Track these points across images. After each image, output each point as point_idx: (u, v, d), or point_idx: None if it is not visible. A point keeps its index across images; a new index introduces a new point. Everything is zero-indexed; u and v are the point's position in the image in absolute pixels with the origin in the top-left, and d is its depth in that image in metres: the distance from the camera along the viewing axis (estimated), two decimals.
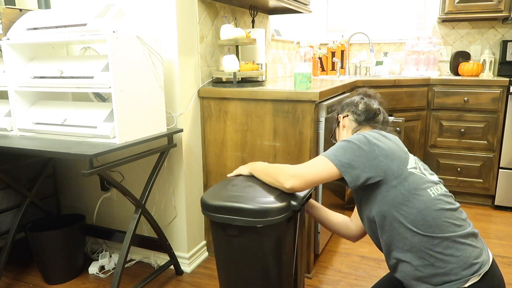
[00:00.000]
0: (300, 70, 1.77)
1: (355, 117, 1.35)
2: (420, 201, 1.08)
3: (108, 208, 2.17)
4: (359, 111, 1.34)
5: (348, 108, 1.38)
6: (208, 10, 2.01)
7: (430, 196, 1.09)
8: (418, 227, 1.07)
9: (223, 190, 1.28)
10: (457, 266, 1.04)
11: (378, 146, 1.13)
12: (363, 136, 1.16)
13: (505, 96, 2.69)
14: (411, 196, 1.08)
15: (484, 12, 2.93)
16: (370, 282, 1.92)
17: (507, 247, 2.28)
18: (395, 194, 1.10)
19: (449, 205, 1.10)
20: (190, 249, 2.04)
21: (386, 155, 1.12)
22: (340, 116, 1.39)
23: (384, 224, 1.14)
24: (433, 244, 1.06)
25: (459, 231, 1.07)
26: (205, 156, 2.06)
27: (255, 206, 1.15)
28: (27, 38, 1.64)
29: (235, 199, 1.20)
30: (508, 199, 2.79)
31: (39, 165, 2.05)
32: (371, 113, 1.33)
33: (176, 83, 1.84)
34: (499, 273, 1.10)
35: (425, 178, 1.13)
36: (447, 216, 1.08)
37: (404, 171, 1.11)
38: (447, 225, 1.07)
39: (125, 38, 1.48)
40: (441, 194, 1.11)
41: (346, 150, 1.14)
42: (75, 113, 1.61)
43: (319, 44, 3.78)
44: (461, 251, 1.05)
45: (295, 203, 1.19)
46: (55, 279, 1.92)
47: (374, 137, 1.15)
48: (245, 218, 1.15)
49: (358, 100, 1.37)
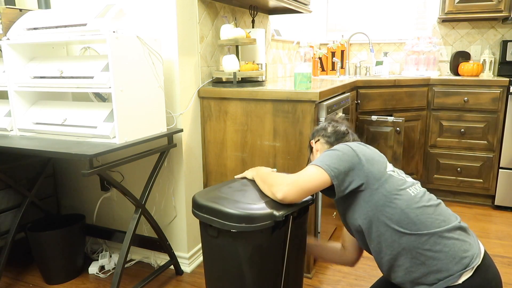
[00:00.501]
0: (300, 70, 1.77)
1: (325, 139, 1.41)
2: (401, 201, 1.11)
3: (108, 208, 2.17)
4: (329, 133, 1.41)
5: (317, 133, 1.44)
6: (208, 10, 2.01)
7: (411, 195, 1.13)
8: (403, 226, 1.09)
9: (215, 191, 1.29)
10: (447, 261, 1.05)
11: (359, 151, 1.19)
12: (345, 145, 1.23)
13: (505, 96, 2.69)
14: (393, 196, 1.12)
15: (484, 12, 2.93)
16: (370, 282, 1.92)
17: (507, 247, 2.28)
18: (377, 197, 1.13)
19: (430, 202, 1.13)
20: (190, 249, 2.04)
21: (367, 159, 1.17)
22: (312, 142, 1.45)
23: (371, 231, 1.16)
24: (421, 242, 1.07)
25: (445, 226, 1.09)
26: (205, 156, 2.06)
27: (233, 210, 1.14)
28: (27, 38, 1.64)
29: (218, 201, 1.20)
30: (508, 199, 2.79)
31: (39, 165, 2.05)
32: (340, 133, 1.40)
33: (176, 83, 1.84)
34: (494, 266, 1.10)
35: (402, 179, 1.18)
36: (429, 212, 1.10)
37: (384, 173, 1.16)
38: (431, 221, 1.09)
39: (125, 38, 1.48)
40: (420, 192, 1.15)
41: (331, 156, 1.19)
42: (75, 113, 1.61)
43: (319, 44, 3.79)
44: (449, 246, 1.06)
45: (278, 213, 1.15)
46: (55, 279, 1.92)
47: (355, 145, 1.22)
48: (221, 221, 1.15)
49: (326, 125, 1.44)
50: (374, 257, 1.21)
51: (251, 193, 1.28)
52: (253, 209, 1.15)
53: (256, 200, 1.22)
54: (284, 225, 1.22)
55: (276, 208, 1.17)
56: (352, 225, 1.22)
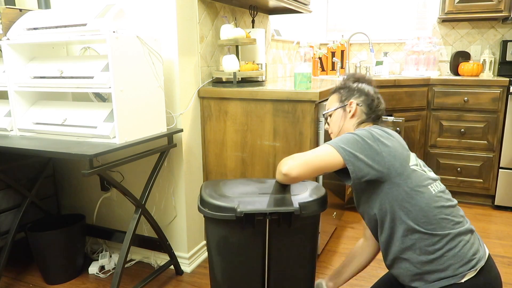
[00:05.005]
0: (300, 70, 1.77)
1: (367, 110, 1.29)
2: (422, 198, 1.08)
3: (108, 208, 2.17)
4: (373, 107, 1.29)
5: (363, 97, 1.30)
6: (208, 10, 2.01)
7: (431, 193, 1.09)
8: (419, 224, 1.07)
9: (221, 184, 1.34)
10: (455, 262, 1.05)
11: (382, 142, 1.12)
12: (367, 131, 1.15)
13: (505, 96, 2.69)
14: (414, 193, 1.08)
15: (484, 12, 2.93)
16: (370, 282, 1.92)
17: (507, 247, 2.28)
18: (398, 192, 1.09)
19: (449, 202, 1.11)
20: (190, 249, 2.04)
21: (390, 152, 1.10)
22: (352, 102, 1.30)
23: (385, 222, 1.13)
24: (433, 242, 1.06)
25: (458, 228, 1.08)
26: (205, 156, 2.06)
27: (210, 199, 1.20)
28: (27, 38, 1.64)
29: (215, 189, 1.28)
30: (508, 199, 2.79)
31: (39, 165, 2.05)
32: (379, 112, 1.30)
33: (176, 83, 1.84)
34: (495, 268, 1.11)
35: (425, 175, 1.13)
36: (447, 213, 1.08)
37: (407, 168, 1.10)
38: (447, 222, 1.07)
39: (125, 38, 1.48)
40: (440, 191, 1.12)
41: (350, 141, 1.12)
42: (75, 113, 1.61)
43: (319, 44, 3.78)
44: (459, 247, 1.06)
45: (240, 209, 1.14)
46: (55, 279, 1.92)
47: (378, 134, 1.14)
48: (204, 209, 1.21)
49: (373, 95, 1.30)
50: (380, 246, 1.19)
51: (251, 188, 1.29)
52: (224, 201, 1.20)
53: (243, 194, 1.24)
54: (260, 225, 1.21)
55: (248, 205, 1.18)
56: (367, 212, 1.20)
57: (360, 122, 1.30)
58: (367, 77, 1.40)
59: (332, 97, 1.38)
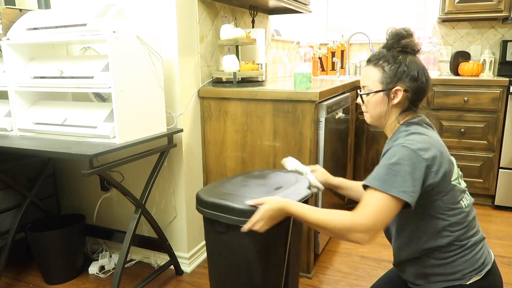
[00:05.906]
0: (300, 70, 1.77)
1: (413, 97, 1.09)
2: (452, 216, 1.05)
3: (108, 208, 2.17)
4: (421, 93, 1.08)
5: (411, 83, 1.07)
6: (208, 10, 2.01)
7: (463, 209, 1.06)
8: (443, 237, 1.06)
9: (219, 187, 1.30)
10: (465, 268, 1.05)
11: (428, 159, 0.99)
12: (411, 150, 0.98)
13: (505, 96, 2.69)
14: (447, 208, 1.04)
15: (484, 12, 2.93)
16: (370, 282, 1.92)
17: (507, 247, 2.28)
18: (431, 205, 1.04)
19: (472, 213, 1.10)
20: (190, 249, 2.04)
21: (437, 171, 1.00)
22: (399, 89, 1.08)
23: (407, 226, 1.10)
24: (451, 250, 1.06)
25: (475, 237, 1.07)
26: (205, 156, 2.06)
27: (242, 206, 1.14)
28: (27, 38, 1.64)
29: (224, 197, 1.20)
30: (508, 199, 2.79)
31: (39, 165, 2.05)
32: (424, 95, 1.09)
33: (176, 83, 1.84)
34: (499, 271, 1.11)
35: (460, 188, 1.08)
36: (469, 224, 1.07)
37: (448, 185, 1.03)
38: (467, 232, 1.07)
39: (125, 38, 1.48)
40: (469, 203, 1.10)
41: (404, 177, 0.97)
42: (75, 113, 1.61)
43: (319, 44, 3.78)
44: (472, 255, 1.05)
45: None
46: (55, 279, 1.92)
47: (421, 148, 0.99)
48: (230, 216, 1.15)
49: (421, 77, 1.07)
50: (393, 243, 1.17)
51: (254, 188, 1.28)
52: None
53: (261, 194, 1.22)
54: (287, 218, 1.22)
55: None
56: None
57: (403, 110, 1.12)
58: (415, 41, 1.14)
59: (373, 71, 1.12)
